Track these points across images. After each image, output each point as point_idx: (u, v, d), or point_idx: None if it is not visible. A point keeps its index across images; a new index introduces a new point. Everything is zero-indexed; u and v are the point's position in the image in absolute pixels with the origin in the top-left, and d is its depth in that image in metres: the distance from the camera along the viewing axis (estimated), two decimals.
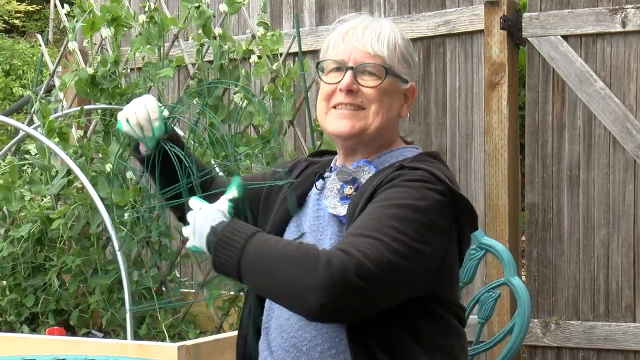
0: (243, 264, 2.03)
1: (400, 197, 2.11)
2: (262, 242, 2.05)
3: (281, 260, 2.00)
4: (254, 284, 2.07)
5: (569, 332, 4.79)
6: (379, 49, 2.28)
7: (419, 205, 2.11)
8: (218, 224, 2.08)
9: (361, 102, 2.28)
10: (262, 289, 2.09)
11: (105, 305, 3.84)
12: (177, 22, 4.27)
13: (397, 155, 2.33)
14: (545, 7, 4.88)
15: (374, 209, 2.11)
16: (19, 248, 3.92)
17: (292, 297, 2.00)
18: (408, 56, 2.33)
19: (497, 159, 4.87)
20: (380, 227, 2.05)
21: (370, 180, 2.25)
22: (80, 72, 4.07)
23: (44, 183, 3.95)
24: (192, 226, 2.13)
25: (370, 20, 2.34)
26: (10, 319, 3.96)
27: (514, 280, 3.02)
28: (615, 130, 4.71)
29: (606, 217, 4.76)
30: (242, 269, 2.04)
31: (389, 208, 2.09)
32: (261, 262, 2.02)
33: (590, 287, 4.78)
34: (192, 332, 3.85)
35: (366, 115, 2.28)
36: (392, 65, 2.29)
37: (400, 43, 2.31)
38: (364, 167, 2.30)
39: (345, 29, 2.32)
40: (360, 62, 2.28)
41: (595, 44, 4.79)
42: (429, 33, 5.12)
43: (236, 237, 2.05)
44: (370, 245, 2.01)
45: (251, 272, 2.04)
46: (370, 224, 2.07)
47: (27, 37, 14.49)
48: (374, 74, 2.28)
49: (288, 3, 5.63)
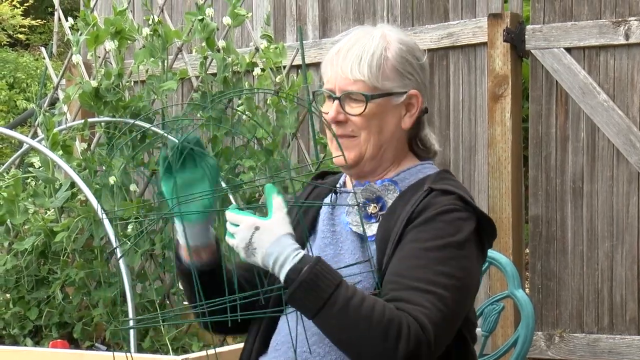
0: (323, 314, 2.02)
1: (439, 236, 2.15)
2: (348, 297, 2.03)
3: (365, 326, 2.01)
4: (327, 333, 2.06)
5: (573, 344, 4.78)
6: (359, 74, 2.23)
7: (458, 240, 2.16)
8: (300, 261, 2.04)
9: (352, 131, 2.26)
10: (335, 340, 2.07)
11: (108, 318, 3.83)
12: (180, 35, 4.28)
13: (417, 172, 2.31)
14: (548, 19, 4.88)
15: (417, 251, 2.14)
16: (22, 261, 3.92)
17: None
18: (404, 65, 2.26)
19: (501, 171, 4.87)
20: (431, 277, 2.10)
21: (401, 204, 2.24)
22: (84, 85, 4.08)
23: (48, 196, 3.96)
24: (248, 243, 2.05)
25: (359, 36, 2.28)
26: (13, 332, 3.96)
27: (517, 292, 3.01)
28: (618, 143, 4.71)
29: (610, 229, 4.75)
30: (320, 317, 2.03)
31: (431, 251, 2.14)
32: (344, 319, 2.01)
33: (594, 299, 4.77)
34: (195, 345, 3.84)
35: (358, 143, 2.26)
36: (376, 86, 2.23)
37: (390, 56, 2.25)
38: (388, 186, 2.28)
39: (333, 53, 2.29)
40: (343, 90, 2.25)
41: (598, 56, 4.79)
42: (432, 45, 5.13)
43: (322, 284, 2.02)
44: (432, 305, 2.07)
45: (329, 324, 2.03)
46: (421, 274, 2.11)
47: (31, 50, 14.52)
48: (358, 100, 2.25)
49: (291, 16, 5.64)
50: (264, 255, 2.04)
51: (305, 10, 5.59)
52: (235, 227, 2.07)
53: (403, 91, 2.27)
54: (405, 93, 2.27)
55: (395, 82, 2.26)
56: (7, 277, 3.94)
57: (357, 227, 2.26)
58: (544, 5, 4.90)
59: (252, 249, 2.05)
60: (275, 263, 2.04)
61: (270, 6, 5.64)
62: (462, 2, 5.12)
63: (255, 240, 2.05)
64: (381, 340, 2.00)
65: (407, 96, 2.27)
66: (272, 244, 2.05)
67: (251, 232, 2.05)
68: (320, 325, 2.04)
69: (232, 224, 2.08)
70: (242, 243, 2.05)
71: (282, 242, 2.05)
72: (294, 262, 2.03)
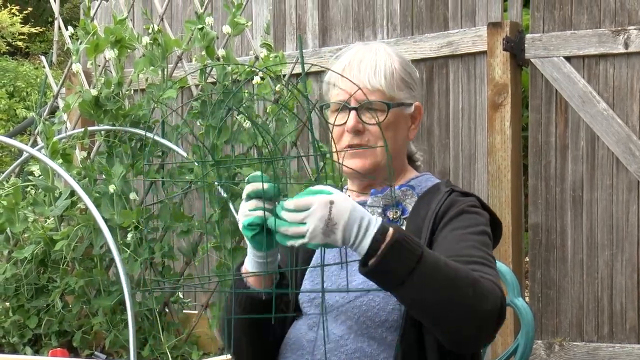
0: (415, 273, 1.97)
1: (475, 224, 2.22)
2: (436, 256, 2.01)
3: (458, 280, 2.00)
4: (420, 296, 2.00)
5: (572, 353, 4.78)
6: (377, 83, 2.28)
7: (488, 230, 2.25)
8: (382, 224, 1.98)
9: (367, 141, 2.29)
10: (427, 302, 2.01)
11: (108, 327, 3.83)
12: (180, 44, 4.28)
13: (425, 181, 2.37)
14: (547, 28, 4.89)
15: (462, 235, 2.19)
16: (22, 269, 3.92)
17: (462, 320, 2.01)
18: (408, 78, 2.33)
19: (501, 179, 4.87)
20: (484, 255, 2.16)
21: (424, 205, 2.28)
22: (83, 94, 4.08)
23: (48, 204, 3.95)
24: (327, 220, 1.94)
25: (364, 50, 2.33)
26: (13, 340, 3.95)
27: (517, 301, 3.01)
28: (618, 151, 4.71)
29: (610, 238, 4.75)
30: (413, 277, 1.97)
31: (475, 234, 2.20)
32: (437, 276, 1.99)
33: (594, 308, 4.76)
34: (195, 353, 3.83)
35: (374, 152, 2.28)
36: (392, 96, 2.29)
37: (397, 68, 2.31)
38: (407, 191, 2.32)
39: (342, 67, 2.32)
40: (361, 100, 2.27)
41: (598, 65, 4.79)
42: (432, 54, 5.13)
43: (412, 243, 1.99)
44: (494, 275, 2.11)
45: (422, 284, 1.98)
46: (475, 252, 2.15)
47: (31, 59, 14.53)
48: (377, 110, 2.28)
49: (291, 24, 5.64)
50: (346, 225, 1.95)
51: (305, 19, 5.59)
52: (305, 212, 1.95)
53: (411, 102, 2.33)
54: (412, 104, 2.33)
55: (405, 93, 2.33)
56: (6, 286, 3.93)
57: None
58: (543, 14, 4.90)
59: (333, 225, 1.95)
60: (360, 229, 1.96)
61: (270, 15, 5.64)
62: (462, 11, 5.13)
63: (335, 214, 1.95)
64: (473, 294, 2.00)
65: (414, 107, 2.33)
66: (351, 212, 1.96)
67: (328, 207, 1.95)
68: (411, 287, 1.98)
69: (298, 210, 1.96)
70: (322, 222, 1.94)
71: (358, 209, 1.98)
72: (379, 224, 1.98)
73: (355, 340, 2.20)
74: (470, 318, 2.00)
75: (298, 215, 1.95)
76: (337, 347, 2.20)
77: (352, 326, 2.21)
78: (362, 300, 2.22)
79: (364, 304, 2.21)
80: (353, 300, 2.22)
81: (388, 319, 2.20)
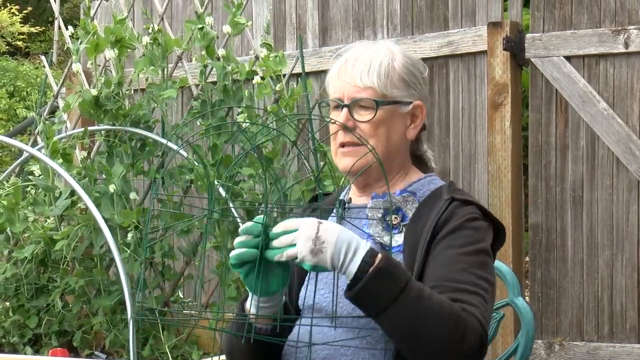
0: (399, 303, 1.99)
1: (471, 243, 2.20)
2: (420, 288, 2.03)
3: (438, 316, 2.01)
4: (400, 325, 2.02)
5: (573, 353, 4.78)
6: (369, 81, 2.27)
7: (485, 247, 2.22)
8: (371, 249, 2.00)
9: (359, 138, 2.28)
10: (406, 332, 2.03)
11: (108, 326, 3.83)
12: (180, 44, 4.28)
13: (428, 183, 2.35)
14: (548, 28, 4.89)
15: (454, 257, 2.17)
16: (22, 269, 3.92)
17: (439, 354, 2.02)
18: (408, 77, 2.31)
19: (501, 179, 4.87)
20: (474, 280, 2.14)
21: (424, 212, 2.27)
22: (84, 94, 4.08)
23: (48, 204, 3.96)
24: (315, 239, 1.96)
25: (364, 48, 2.32)
26: (13, 340, 3.95)
27: (517, 301, 3.01)
28: (618, 151, 4.71)
29: (610, 237, 4.75)
30: (396, 306, 1.99)
31: (468, 256, 2.18)
32: (419, 308, 2.00)
33: (595, 308, 4.76)
34: (195, 353, 3.84)
35: (365, 151, 2.27)
36: (385, 94, 2.27)
37: (396, 66, 2.29)
38: (407, 197, 2.31)
39: (339, 66, 2.32)
40: (352, 98, 2.27)
41: (598, 64, 4.79)
42: (432, 54, 5.13)
43: (398, 272, 2.00)
44: (480, 305, 2.10)
45: (403, 315, 2.00)
46: (465, 277, 2.14)
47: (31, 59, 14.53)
48: (367, 107, 2.27)
49: (291, 24, 5.64)
50: (335, 246, 1.97)
51: (305, 19, 5.60)
52: (293, 234, 1.98)
53: (409, 101, 2.31)
54: (411, 103, 2.31)
55: (402, 91, 2.31)
56: (6, 285, 3.94)
57: (379, 238, 2.26)
58: (543, 14, 4.90)
59: (321, 244, 1.97)
60: (348, 251, 1.98)
61: (270, 15, 5.64)
62: (462, 11, 5.13)
63: (322, 233, 1.97)
64: (452, 331, 2.01)
65: (412, 106, 2.31)
66: (340, 234, 1.98)
67: (316, 227, 1.97)
68: (393, 315, 1.99)
69: (286, 232, 1.99)
70: (309, 242, 1.96)
71: (347, 231, 2.00)
72: (367, 249, 1.99)
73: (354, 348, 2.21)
74: (447, 353, 2.02)
75: (287, 238, 1.98)
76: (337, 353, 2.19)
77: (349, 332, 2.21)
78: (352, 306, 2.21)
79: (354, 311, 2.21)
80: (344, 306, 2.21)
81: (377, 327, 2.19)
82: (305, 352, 2.21)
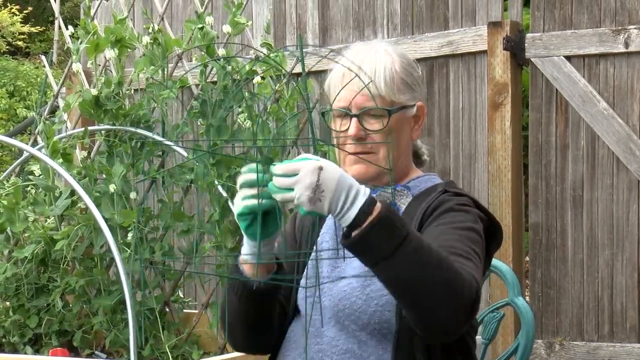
0: (399, 252, 1.93)
1: (463, 221, 2.17)
2: (420, 237, 1.98)
3: (438, 267, 1.96)
4: (400, 274, 1.95)
5: (573, 352, 4.78)
6: (377, 89, 2.25)
7: (477, 228, 2.19)
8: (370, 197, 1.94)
9: (370, 148, 2.27)
10: (406, 281, 1.96)
11: (108, 326, 3.83)
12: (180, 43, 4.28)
13: (426, 181, 2.35)
14: (548, 27, 4.89)
15: (447, 229, 2.15)
16: (22, 269, 3.92)
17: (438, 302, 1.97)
18: (409, 79, 2.31)
19: (501, 179, 4.87)
20: (466, 249, 2.11)
21: (415, 204, 2.27)
22: (84, 93, 4.08)
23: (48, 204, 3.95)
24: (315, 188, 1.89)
25: (364, 52, 2.30)
26: (13, 340, 3.95)
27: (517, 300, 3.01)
28: (618, 151, 4.71)
29: (610, 237, 4.75)
30: (395, 256, 1.93)
31: (461, 230, 2.15)
32: (419, 258, 1.95)
33: (595, 307, 4.76)
34: (195, 353, 3.83)
35: (377, 159, 2.27)
36: (393, 100, 2.27)
37: (398, 70, 2.28)
38: (401, 191, 2.31)
39: (342, 73, 2.28)
40: (362, 107, 2.25)
41: (598, 64, 4.79)
42: (432, 54, 5.13)
43: (398, 221, 1.95)
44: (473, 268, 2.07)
45: (403, 263, 1.94)
46: (457, 244, 2.10)
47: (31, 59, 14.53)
48: (378, 116, 2.26)
49: (292, 24, 5.64)
50: (334, 194, 1.91)
51: (305, 19, 5.60)
52: (293, 178, 1.90)
53: (413, 103, 2.32)
54: (415, 105, 2.32)
55: (407, 94, 2.31)
56: (6, 285, 3.93)
57: None
58: (543, 14, 4.90)
59: (320, 193, 1.90)
60: (347, 199, 1.92)
61: (270, 14, 5.64)
62: (462, 11, 5.13)
63: (323, 181, 1.90)
64: (452, 282, 1.97)
65: (417, 108, 2.31)
66: (339, 181, 1.92)
67: (317, 174, 1.90)
68: (392, 264, 1.94)
69: (286, 175, 1.91)
70: (308, 190, 1.89)
71: (346, 176, 1.94)
72: (367, 197, 1.94)
73: (346, 342, 2.20)
74: (445, 301, 1.96)
75: (286, 181, 1.91)
76: (330, 347, 2.20)
77: (342, 328, 2.21)
78: (344, 303, 2.21)
79: (347, 307, 2.21)
80: (337, 303, 2.21)
81: (370, 322, 2.19)
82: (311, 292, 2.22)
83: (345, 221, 1.93)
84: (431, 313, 1.98)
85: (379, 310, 2.18)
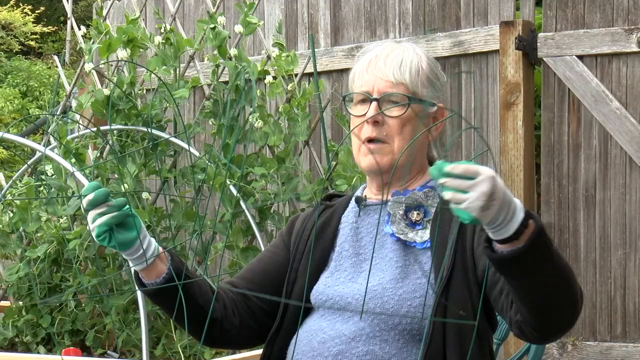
0: (555, 259, 1.97)
1: None
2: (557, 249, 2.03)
3: (573, 279, 2.03)
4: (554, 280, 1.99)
5: (585, 353, 4.77)
6: (401, 77, 2.27)
7: None
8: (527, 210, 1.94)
9: (385, 135, 2.27)
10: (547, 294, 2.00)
11: (120, 326, 3.84)
12: (192, 43, 4.28)
13: None
14: (560, 27, 4.88)
15: None
16: (35, 269, 3.93)
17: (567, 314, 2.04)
18: (434, 78, 2.33)
19: (513, 179, 4.86)
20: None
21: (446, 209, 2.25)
22: (96, 93, 4.09)
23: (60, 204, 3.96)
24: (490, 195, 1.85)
25: (393, 47, 2.33)
26: (26, 339, 3.96)
27: None
28: (631, 150, 4.70)
29: (623, 237, 4.74)
30: (553, 262, 1.96)
31: None
32: (560, 265, 2.00)
33: (607, 307, 4.75)
34: (207, 352, 3.84)
35: (391, 150, 2.27)
36: (415, 91, 2.28)
37: (424, 67, 2.30)
38: (429, 192, 2.30)
39: (369, 59, 2.32)
40: (383, 92, 2.27)
41: (610, 63, 4.78)
42: (444, 53, 5.13)
43: (548, 234, 1.98)
44: None
45: (556, 270, 1.98)
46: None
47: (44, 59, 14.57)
48: (398, 103, 2.27)
49: (303, 24, 5.64)
50: (502, 204, 1.87)
51: (317, 19, 5.60)
52: (470, 181, 1.86)
53: (434, 102, 2.32)
54: (436, 104, 2.33)
55: (430, 91, 2.32)
56: (20, 285, 3.95)
57: (402, 235, 2.26)
58: (556, 13, 4.89)
59: (491, 202, 1.85)
60: (509, 210, 1.89)
61: (282, 14, 5.65)
62: (474, 10, 5.13)
63: (496, 190, 1.86)
64: (577, 294, 2.03)
65: (437, 108, 2.33)
66: (505, 193, 1.89)
67: (493, 182, 1.86)
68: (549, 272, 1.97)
69: (464, 177, 1.86)
70: (483, 197, 1.84)
71: (508, 190, 1.93)
72: (524, 210, 1.92)
73: (366, 343, 2.19)
74: (571, 311, 2.03)
75: (464, 183, 1.86)
76: (349, 348, 2.19)
77: (364, 327, 2.20)
78: (375, 302, 2.21)
79: (378, 306, 2.20)
80: (367, 302, 2.21)
81: (401, 322, 2.19)
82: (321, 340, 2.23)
83: (504, 233, 1.91)
84: (558, 320, 2.04)
85: (412, 312, 2.18)
